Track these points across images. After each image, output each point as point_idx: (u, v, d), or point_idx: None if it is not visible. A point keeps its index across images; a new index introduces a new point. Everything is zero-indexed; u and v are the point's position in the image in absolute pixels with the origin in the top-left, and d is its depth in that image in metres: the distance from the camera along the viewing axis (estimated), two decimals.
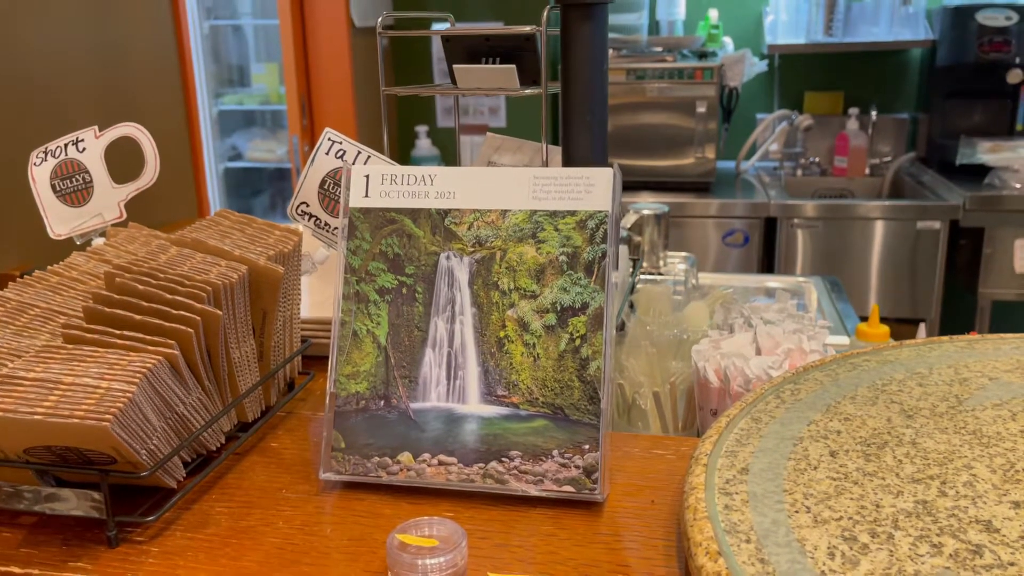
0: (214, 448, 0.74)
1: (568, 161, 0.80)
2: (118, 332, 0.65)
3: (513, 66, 0.82)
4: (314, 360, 0.95)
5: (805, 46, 3.22)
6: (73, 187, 0.87)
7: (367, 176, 0.72)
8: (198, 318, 0.67)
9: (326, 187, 0.82)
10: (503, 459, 0.67)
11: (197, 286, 0.69)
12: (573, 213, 0.68)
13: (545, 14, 0.75)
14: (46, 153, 0.87)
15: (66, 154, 0.87)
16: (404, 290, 0.71)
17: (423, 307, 0.70)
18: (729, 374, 0.90)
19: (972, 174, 2.94)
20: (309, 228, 0.83)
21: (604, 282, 0.67)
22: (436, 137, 3.42)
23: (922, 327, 1.20)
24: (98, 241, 0.86)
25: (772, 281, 2.03)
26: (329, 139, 0.81)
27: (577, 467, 0.66)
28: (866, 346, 0.97)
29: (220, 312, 0.68)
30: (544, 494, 0.66)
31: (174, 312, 0.67)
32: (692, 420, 1.04)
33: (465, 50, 0.84)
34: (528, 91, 0.80)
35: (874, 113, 3.27)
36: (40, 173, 0.87)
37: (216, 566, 0.61)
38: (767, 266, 2.98)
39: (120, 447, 0.59)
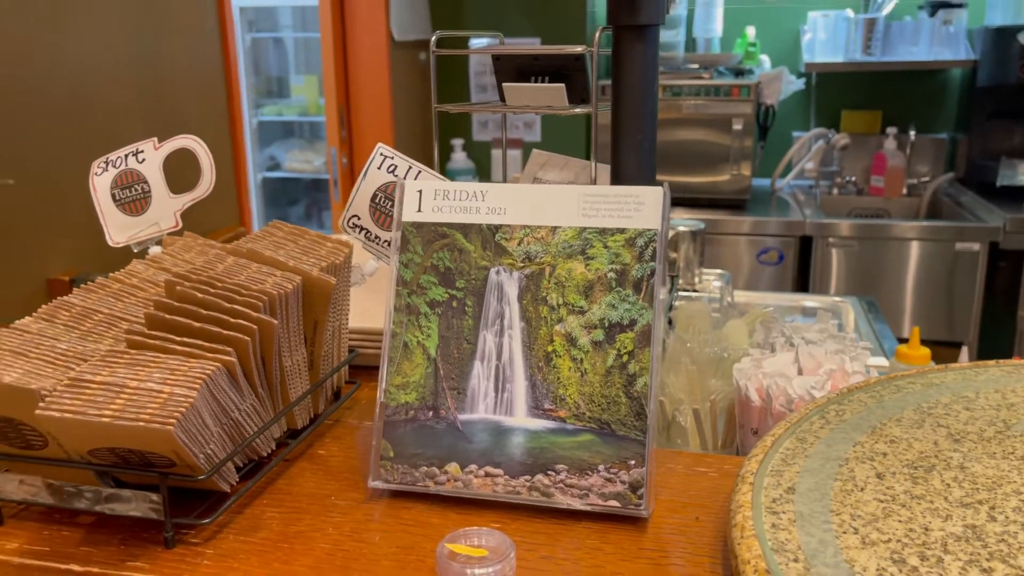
0: (265, 454, 0.76)
1: (617, 179, 0.81)
2: (178, 339, 0.67)
3: (562, 85, 0.83)
4: (359, 370, 0.97)
5: (843, 64, 3.21)
6: (132, 196, 0.89)
7: (420, 191, 0.74)
8: (255, 327, 0.69)
9: (377, 201, 0.84)
10: (549, 472, 0.68)
11: (254, 295, 0.71)
12: (623, 231, 0.69)
13: (597, 35, 0.76)
14: (107, 163, 0.90)
15: (126, 164, 0.89)
16: (454, 303, 0.72)
17: (473, 320, 0.71)
18: (771, 393, 0.90)
19: (1012, 196, 2.90)
20: (360, 240, 0.85)
21: (652, 299, 0.68)
22: (471, 150, 3.44)
23: (964, 350, 1.20)
24: (154, 249, 0.88)
25: (808, 300, 2.02)
26: (381, 154, 0.83)
27: (623, 482, 0.67)
28: (908, 368, 0.97)
29: (275, 321, 0.70)
30: (589, 508, 0.67)
31: (232, 320, 0.69)
32: (732, 438, 1.04)
33: (515, 69, 0.85)
34: (578, 109, 0.81)
35: (912, 133, 3.25)
36: (101, 182, 0.89)
37: (268, 570, 0.62)
38: (801, 285, 2.96)
39: (180, 450, 0.61)
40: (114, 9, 1.73)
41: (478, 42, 3.38)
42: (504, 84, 0.85)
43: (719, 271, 1.82)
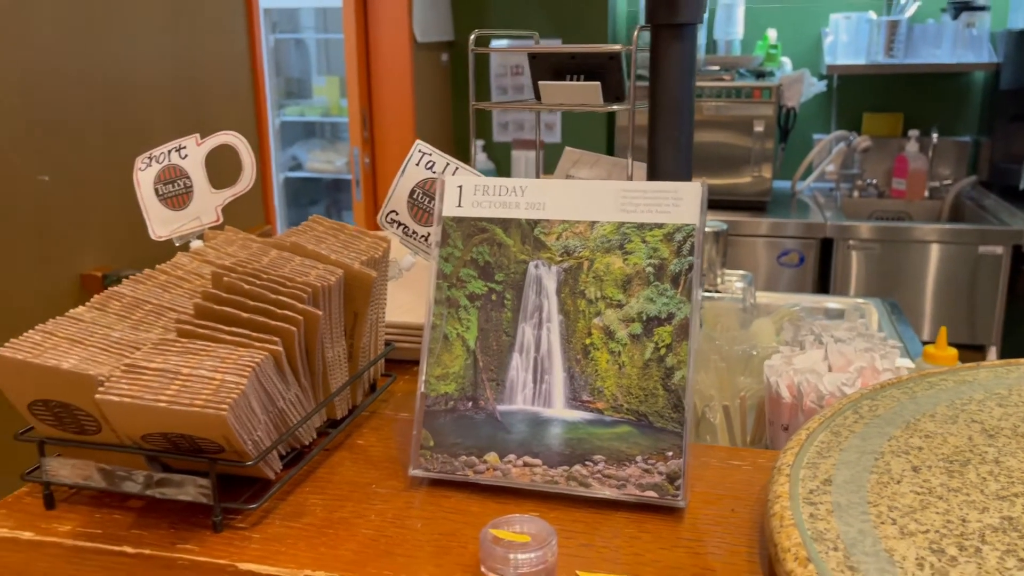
0: (307, 443, 0.77)
1: (654, 175, 0.82)
2: (227, 328, 0.68)
3: (598, 83, 0.84)
4: (394, 364, 0.99)
5: (865, 67, 3.21)
6: (174, 191, 0.91)
7: (460, 187, 0.75)
8: (300, 317, 0.71)
9: (415, 197, 0.85)
10: (587, 463, 0.69)
11: (298, 287, 0.73)
12: (661, 226, 0.70)
13: (635, 34, 0.77)
14: (150, 159, 0.92)
15: (169, 160, 0.91)
16: (493, 296, 0.73)
17: (511, 313, 0.73)
18: (803, 390, 0.91)
19: None
20: (397, 235, 0.86)
21: (690, 294, 0.69)
22: (491, 151, 3.46)
23: (992, 351, 1.20)
24: (195, 243, 0.90)
25: (830, 302, 2.02)
26: (420, 151, 0.85)
27: (660, 473, 0.68)
28: (938, 367, 0.97)
29: (320, 312, 0.72)
30: (627, 498, 0.68)
31: (278, 311, 0.70)
32: (761, 435, 1.05)
33: (550, 67, 0.87)
34: (615, 107, 0.83)
35: (935, 135, 3.24)
36: (144, 177, 0.91)
37: (315, 553, 0.64)
38: (821, 288, 2.96)
39: (231, 436, 0.62)
40: (148, 9, 1.76)
41: (500, 42, 3.40)
42: (540, 82, 0.87)
43: (741, 272, 1.82)
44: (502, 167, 3.46)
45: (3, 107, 1.32)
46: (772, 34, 3.32)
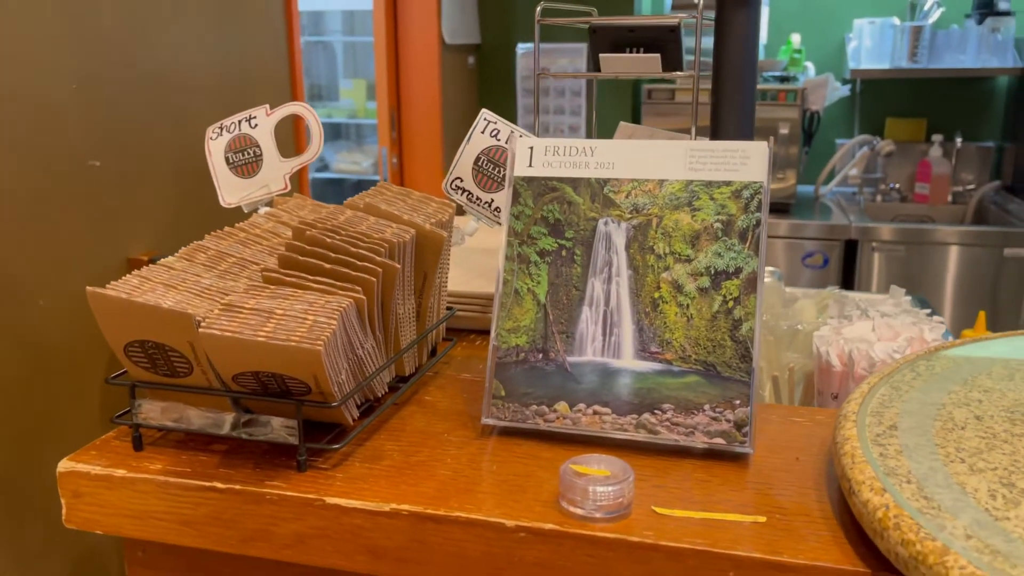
0: (379, 395, 0.80)
1: (716, 135, 0.85)
2: (311, 278, 0.71)
3: (658, 55, 0.87)
4: (452, 331, 1.01)
5: (888, 71, 3.23)
6: (244, 160, 0.95)
7: (531, 148, 0.78)
8: (380, 269, 0.73)
9: (480, 164, 0.88)
10: (656, 411, 0.71)
11: (376, 242, 0.76)
12: (728, 184, 0.73)
13: (700, 1, 0.80)
14: (221, 128, 0.95)
15: (240, 130, 0.95)
16: (563, 252, 0.76)
17: (581, 268, 0.75)
18: (854, 357, 0.93)
19: None
20: (462, 202, 0.89)
21: (758, 248, 0.71)
22: None
23: None
24: (263, 210, 0.93)
25: (857, 296, 2.03)
26: (485, 119, 0.88)
27: (728, 421, 0.70)
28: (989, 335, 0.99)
29: (398, 266, 0.75)
30: (696, 444, 0.70)
31: (359, 263, 0.73)
32: (808, 405, 1.07)
33: (610, 41, 0.90)
34: (679, 74, 0.86)
35: (959, 140, 3.25)
36: (216, 146, 0.95)
37: (397, 491, 0.67)
38: (846, 289, 2.97)
39: (320, 375, 0.65)
40: (196, 8, 1.81)
41: (526, 46, 3.43)
42: (601, 55, 0.90)
43: (771, 268, 1.85)
44: None
45: (60, 96, 1.36)
46: (796, 39, 3.35)
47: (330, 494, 0.66)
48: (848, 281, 2.96)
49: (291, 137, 2.32)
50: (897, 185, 3.36)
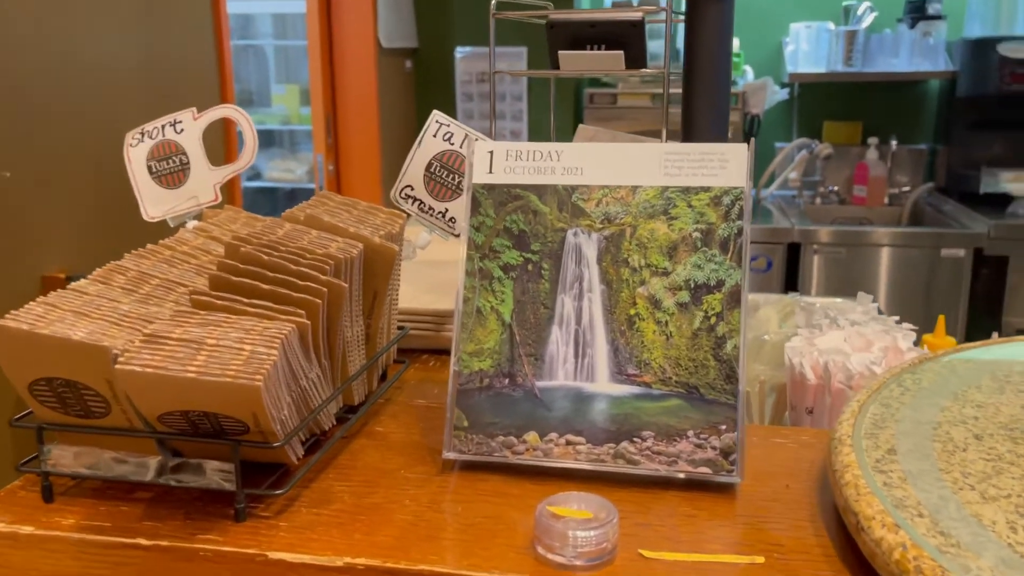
0: (326, 428, 0.72)
1: (688, 137, 0.79)
2: (247, 301, 0.63)
3: (621, 52, 0.81)
4: (403, 352, 0.94)
5: (824, 75, 3.26)
6: (169, 168, 0.86)
7: (491, 152, 0.71)
8: (324, 289, 0.66)
9: (432, 170, 0.81)
10: (635, 439, 0.65)
11: (319, 259, 0.68)
12: (707, 189, 0.67)
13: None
14: (143, 134, 0.86)
15: (163, 135, 0.86)
16: (529, 267, 0.69)
17: (549, 284, 0.69)
18: (830, 370, 0.89)
19: (993, 204, 2.96)
20: (413, 211, 0.82)
21: (740, 259, 0.66)
22: None
23: (994, 336, 1.19)
24: (192, 224, 0.85)
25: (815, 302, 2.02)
26: (437, 121, 0.81)
27: (714, 448, 0.64)
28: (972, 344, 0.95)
29: (345, 285, 0.67)
30: (679, 475, 0.64)
31: (300, 283, 0.65)
32: (779, 420, 1.03)
33: (570, 36, 0.84)
34: (648, 70, 0.80)
35: (894, 143, 3.29)
36: (136, 154, 0.85)
37: (350, 540, 0.59)
38: (790, 290, 2.97)
39: (261, 412, 0.57)
40: (116, 8, 1.69)
41: (465, 50, 3.37)
42: (561, 52, 0.83)
43: None
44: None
45: None
46: (734, 42, 3.35)
47: (274, 548, 0.58)
48: (792, 284, 2.97)
49: (222, 144, 2.20)
50: (836, 188, 3.40)
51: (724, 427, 0.64)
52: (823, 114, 3.46)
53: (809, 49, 3.31)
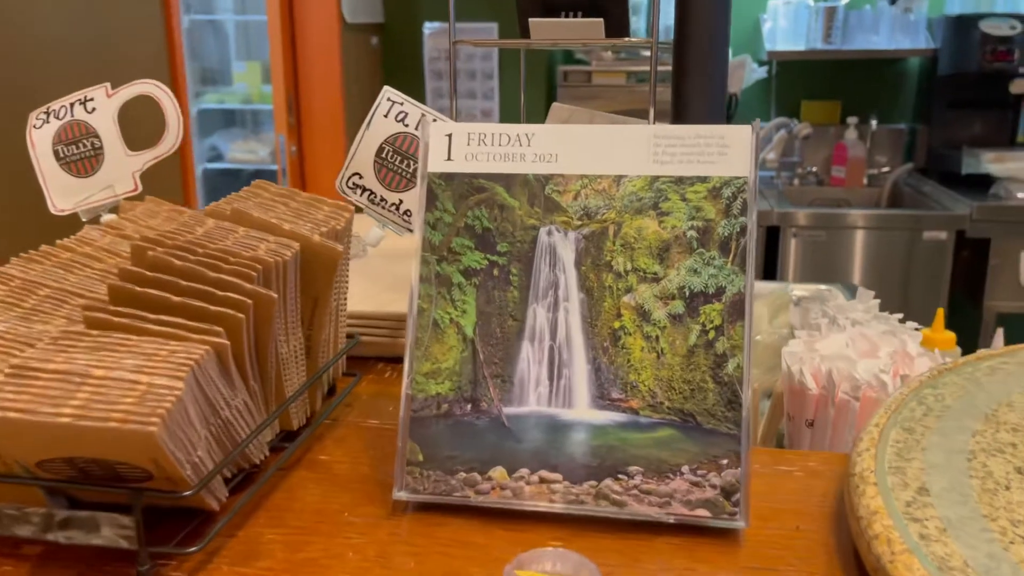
0: (257, 462, 0.61)
1: (679, 121, 0.69)
2: (153, 316, 0.52)
3: (601, 20, 0.71)
4: (356, 361, 0.83)
5: (804, 53, 3.17)
6: (80, 154, 0.74)
7: (449, 135, 0.60)
8: (249, 301, 0.55)
9: (384, 156, 0.70)
10: (620, 476, 0.55)
11: (245, 264, 0.57)
12: (704, 180, 0.57)
13: None
14: (48, 113, 0.74)
15: (72, 115, 0.74)
16: (495, 271, 0.59)
17: (519, 292, 0.58)
18: (834, 379, 0.79)
19: (974, 185, 2.89)
20: (362, 203, 0.71)
21: (744, 263, 0.56)
22: None
23: (1000, 333, 1.11)
24: (108, 218, 0.73)
25: (796, 289, 1.94)
26: (389, 99, 0.70)
27: (713, 486, 0.54)
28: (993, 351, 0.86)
29: (275, 295, 0.56)
30: (673, 519, 0.54)
31: (219, 294, 0.54)
32: (772, 432, 0.93)
33: (541, 2, 0.73)
34: (635, 40, 0.69)
35: (873, 122, 3.22)
36: (40, 137, 0.74)
37: None
38: (769, 275, 2.89)
39: (163, 459, 0.46)
40: None
41: (433, 25, 3.24)
42: (533, 20, 0.72)
43: None
44: None
45: None
46: None
47: None
48: (770, 268, 2.89)
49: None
50: (814, 168, 3.32)
51: (726, 461, 0.54)
52: (802, 93, 3.37)
53: (788, 26, 3.22)
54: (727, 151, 0.57)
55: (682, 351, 0.56)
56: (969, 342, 1.23)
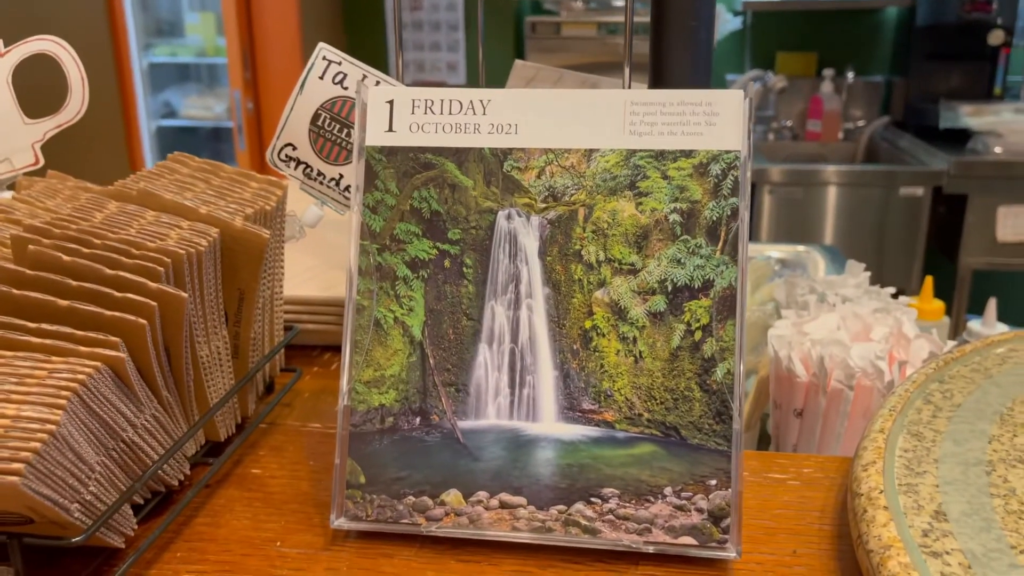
0: (175, 483, 0.53)
1: (659, 84, 0.60)
2: (33, 325, 0.43)
3: None
4: (296, 351, 0.75)
5: (779, 3, 3.08)
6: None
7: (391, 102, 0.51)
8: (154, 303, 0.46)
9: (320, 124, 0.61)
10: (593, 499, 0.48)
11: (150, 257, 0.48)
12: (689, 154, 0.49)
13: None
14: None
15: None
16: (447, 263, 0.50)
17: (474, 287, 0.50)
18: (826, 366, 0.72)
19: (951, 139, 2.83)
20: (297, 177, 0.62)
21: (736, 251, 0.48)
22: None
23: (992, 302, 1.05)
24: (3, 195, 0.64)
25: (771, 250, 1.87)
26: (324, 58, 0.60)
27: (700, 510, 0.47)
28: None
29: (184, 294, 0.47)
30: (654, 549, 0.47)
31: (118, 295, 0.46)
32: (756, 418, 0.87)
33: None
34: None
35: (850, 75, 3.14)
36: None
37: None
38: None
39: (38, 506, 0.38)
40: None
41: None
42: None
43: None
44: None
45: None
46: None
47: None
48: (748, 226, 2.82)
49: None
50: (789, 123, 3.24)
51: (714, 482, 0.47)
52: (776, 45, 3.28)
53: None
54: (716, 120, 0.49)
55: (664, 355, 0.48)
56: (944, 298, 1.19)
